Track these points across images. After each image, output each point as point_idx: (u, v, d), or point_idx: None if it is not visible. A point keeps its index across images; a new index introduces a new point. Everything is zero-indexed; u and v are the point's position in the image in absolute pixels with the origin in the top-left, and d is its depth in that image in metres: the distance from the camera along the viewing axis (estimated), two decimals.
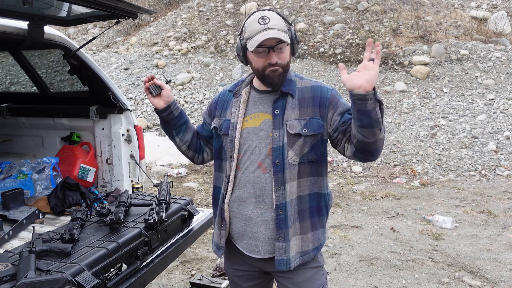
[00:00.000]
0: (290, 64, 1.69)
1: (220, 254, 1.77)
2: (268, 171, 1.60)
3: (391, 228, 4.53)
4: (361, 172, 6.77)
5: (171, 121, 1.76)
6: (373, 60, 1.40)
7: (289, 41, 1.56)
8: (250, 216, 1.65)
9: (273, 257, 1.64)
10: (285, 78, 1.62)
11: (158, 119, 1.86)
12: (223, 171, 1.73)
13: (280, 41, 1.54)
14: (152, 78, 1.74)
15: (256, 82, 1.71)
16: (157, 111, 1.75)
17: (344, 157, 7.23)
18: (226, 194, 1.69)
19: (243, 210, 1.66)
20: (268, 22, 1.55)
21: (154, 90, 1.74)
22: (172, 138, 1.82)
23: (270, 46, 1.54)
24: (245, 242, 1.69)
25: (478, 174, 6.42)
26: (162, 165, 7.19)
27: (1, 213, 2.53)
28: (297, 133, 1.58)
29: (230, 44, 11.78)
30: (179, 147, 1.85)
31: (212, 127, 1.77)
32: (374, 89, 1.40)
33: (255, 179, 1.62)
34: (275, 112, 1.62)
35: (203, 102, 9.99)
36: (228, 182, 1.68)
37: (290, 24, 1.64)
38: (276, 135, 1.59)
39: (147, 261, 2.14)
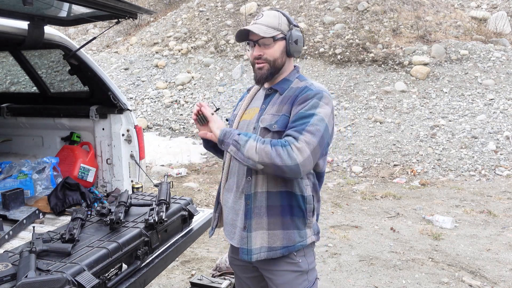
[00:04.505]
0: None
1: (210, 234, 1.91)
2: None
3: (391, 228, 4.53)
4: (361, 172, 6.77)
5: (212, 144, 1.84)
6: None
7: (267, 36, 1.61)
8: (232, 205, 1.76)
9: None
10: (272, 75, 1.69)
11: (202, 143, 1.90)
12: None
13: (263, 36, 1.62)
14: (201, 106, 1.69)
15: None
16: (203, 139, 1.78)
17: (345, 157, 7.30)
18: (221, 181, 1.84)
19: (229, 198, 1.78)
20: (259, 18, 1.65)
21: (200, 120, 1.71)
22: (216, 153, 1.94)
23: (254, 40, 1.65)
24: (227, 229, 1.81)
25: (478, 174, 6.42)
26: (162, 165, 7.19)
27: (1, 213, 2.53)
28: (265, 127, 1.65)
29: (230, 44, 11.78)
30: None
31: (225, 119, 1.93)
32: (219, 138, 1.62)
33: (240, 170, 1.73)
34: (262, 106, 1.73)
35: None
36: (223, 170, 1.81)
37: (296, 26, 1.68)
38: (254, 128, 1.70)
39: (147, 261, 2.14)
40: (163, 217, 2.20)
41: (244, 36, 1.66)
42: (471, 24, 11.68)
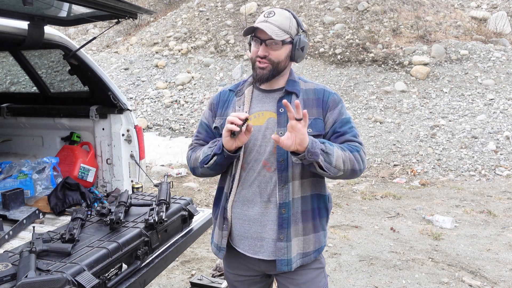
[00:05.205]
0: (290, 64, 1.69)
1: (221, 255, 1.73)
2: (273, 170, 1.59)
3: (391, 228, 4.53)
4: None
5: (235, 158, 1.64)
6: (300, 120, 1.40)
7: (279, 39, 1.53)
8: (255, 217, 1.63)
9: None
10: (273, 76, 1.61)
11: (216, 158, 1.59)
12: (227, 171, 1.69)
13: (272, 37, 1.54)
14: (246, 120, 1.47)
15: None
16: (228, 152, 1.55)
17: None
18: (230, 194, 1.66)
19: (247, 211, 1.64)
20: (271, 16, 1.57)
21: (238, 132, 1.48)
22: (221, 171, 1.71)
23: (262, 39, 1.56)
24: (248, 243, 1.66)
25: (478, 174, 6.42)
26: (162, 165, 7.19)
27: (1, 213, 2.53)
28: None
29: (230, 44, 11.78)
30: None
31: (213, 127, 1.72)
32: (308, 148, 1.43)
33: (261, 178, 1.61)
34: (280, 110, 1.61)
35: (203, 102, 9.99)
36: (232, 181, 1.65)
37: (304, 31, 1.63)
38: (281, 133, 1.57)
39: (147, 261, 2.14)
40: (163, 217, 2.20)
41: (251, 31, 1.58)
42: (471, 24, 11.68)
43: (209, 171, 1.66)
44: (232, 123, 1.47)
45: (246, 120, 1.47)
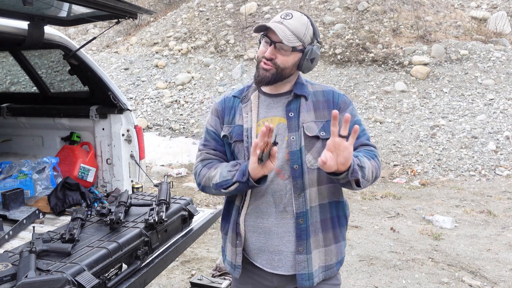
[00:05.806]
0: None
1: (236, 273, 1.61)
2: (287, 178, 1.51)
3: (391, 228, 4.53)
4: None
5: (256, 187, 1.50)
6: (345, 137, 1.29)
7: (289, 45, 1.45)
8: (271, 228, 1.54)
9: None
10: (275, 81, 1.52)
11: (238, 186, 1.46)
12: None
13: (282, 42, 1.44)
14: (270, 130, 1.29)
15: (264, 87, 1.61)
16: (254, 182, 1.42)
17: None
18: (242, 206, 1.57)
19: (262, 223, 1.55)
20: (288, 19, 1.47)
21: (266, 157, 1.32)
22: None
23: (273, 41, 1.47)
24: (266, 257, 1.57)
25: (478, 174, 6.42)
26: (162, 165, 7.19)
27: (1, 213, 2.53)
28: (315, 135, 1.50)
29: (230, 44, 11.78)
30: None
31: (222, 136, 1.62)
32: (349, 167, 1.33)
33: (274, 187, 1.52)
34: (290, 114, 1.53)
35: (203, 102, 9.99)
36: (245, 193, 1.56)
37: (318, 42, 1.55)
38: (293, 138, 1.51)
39: (147, 261, 2.14)
40: (163, 217, 2.20)
41: (263, 29, 1.49)
42: (471, 24, 11.68)
43: (225, 194, 1.56)
44: (258, 145, 1.33)
45: (274, 136, 1.32)
